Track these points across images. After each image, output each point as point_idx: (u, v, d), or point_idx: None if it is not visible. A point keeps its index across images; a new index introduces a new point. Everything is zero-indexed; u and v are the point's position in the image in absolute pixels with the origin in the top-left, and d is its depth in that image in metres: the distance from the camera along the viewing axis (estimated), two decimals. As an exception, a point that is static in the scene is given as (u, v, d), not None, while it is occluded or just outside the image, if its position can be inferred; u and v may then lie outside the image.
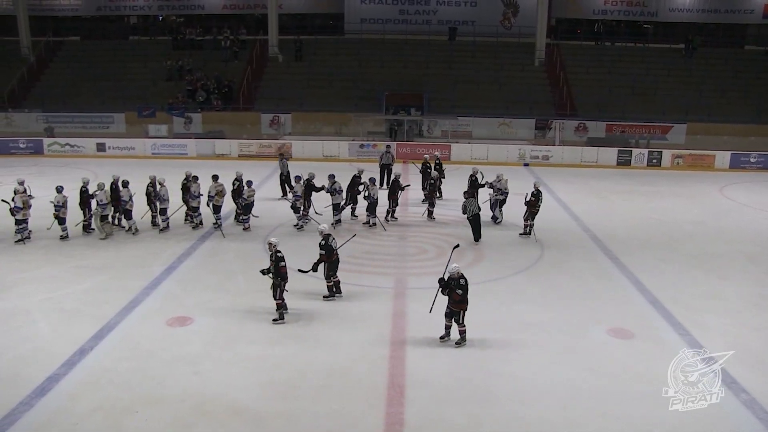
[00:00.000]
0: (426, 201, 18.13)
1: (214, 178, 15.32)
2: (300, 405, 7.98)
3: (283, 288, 10.14)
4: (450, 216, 16.67)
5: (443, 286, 9.40)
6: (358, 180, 16.08)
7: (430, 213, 16.64)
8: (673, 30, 33.88)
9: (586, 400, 8.17)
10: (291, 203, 15.61)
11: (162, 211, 15.01)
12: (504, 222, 16.25)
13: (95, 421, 7.56)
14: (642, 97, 29.78)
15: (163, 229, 15.07)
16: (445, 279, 9.44)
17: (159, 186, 14.91)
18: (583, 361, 9.15)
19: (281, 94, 29.69)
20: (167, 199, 14.98)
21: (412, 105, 28.81)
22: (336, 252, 11.08)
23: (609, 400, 8.18)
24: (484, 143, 26.71)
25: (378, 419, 7.70)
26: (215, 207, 15.04)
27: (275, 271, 10.04)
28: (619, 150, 26.03)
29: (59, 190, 14.45)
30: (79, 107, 29.36)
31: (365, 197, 15.70)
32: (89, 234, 14.82)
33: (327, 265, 11.03)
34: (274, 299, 10.18)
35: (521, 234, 15.40)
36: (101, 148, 26.41)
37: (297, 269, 11.01)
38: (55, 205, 14.22)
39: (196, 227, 15.39)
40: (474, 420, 7.72)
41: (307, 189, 15.73)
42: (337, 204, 15.60)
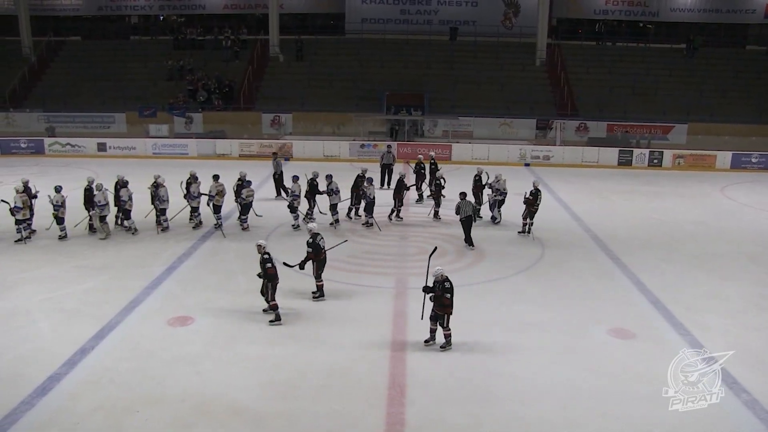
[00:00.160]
0: (420, 201, 18.23)
1: (214, 177, 15.33)
2: (300, 405, 7.98)
3: (275, 289, 10.15)
4: (452, 216, 16.61)
5: (429, 292, 9.25)
6: (361, 180, 16.10)
7: (436, 213, 16.62)
8: (675, 30, 33.86)
9: (586, 400, 8.16)
10: (288, 203, 15.60)
11: (162, 212, 15.01)
12: (504, 222, 16.24)
13: (96, 421, 7.57)
14: (643, 97, 29.78)
15: (164, 229, 15.08)
16: (431, 285, 9.28)
17: (159, 186, 14.91)
18: (584, 361, 9.14)
19: (282, 93, 29.71)
20: (167, 200, 14.99)
21: (412, 105, 28.82)
22: (324, 251, 11.06)
23: (609, 400, 8.17)
24: (485, 143, 26.71)
25: (378, 419, 7.69)
26: (215, 207, 15.04)
27: (263, 273, 10.08)
28: (620, 150, 26.04)
29: (58, 189, 14.45)
30: (80, 107, 29.42)
31: (363, 196, 15.68)
32: (93, 234, 14.79)
33: (315, 264, 11.01)
34: (267, 302, 10.22)
35: (520, 232, 15.42)
36: (102, 148, 26.45)
37: (283, 262, 11.03)
38: (54, 205, 14.24)
39: (196, 227, 15.40)
40: (474, 420, 7.72)
41: (311, 188, 15.75)
42: (335, 204, 15.60)
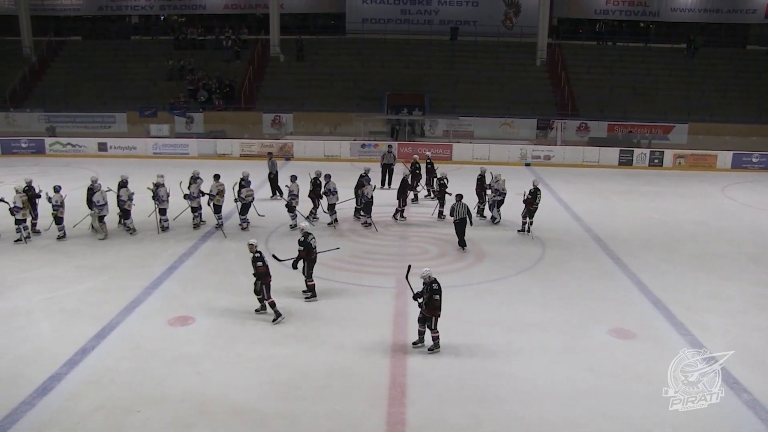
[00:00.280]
0: (415, 201, 18.23)
1: (215, 177, 15.33)
2: (301, 405, 7.98)
3: (269, 287, 10.19)
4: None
5: (420, 297, 9.17)
6: (364, 180, 16.08)
7: (440, 213, 16.59)
8: (675, 30, 33.80)
9: (586, 400, 8.16)
10: (287, 202, 15.60)
11: (162, 212, 15.01)
12: (504, 222, 16.23)
13: (96, 421, 7.57)
14: (644, 97, 29.78)
15: (164, 229, 15.08)
16: (419, 291, 9.20)
17: (158, 186, 14.91)
18: (584, 361, 9.13)
19: (283, 93, 29.72)
20: (166, 200, 14.98)
21: (413, 105, 28.79)
22: (315, 251, 11.08)
23: (609, 400, 8.17)
24: (485, 143, 26.68)
25: (379, 419, 7.69)
26: (216, 207, 15.04)
27: (255, 272, 10.12)
28: (621, 150, 26.02)
29: (57, 189, 14.43)
30: (81, 107, 29.41)
31: (360, 197, 15.65)
32: (95, 233, 14.73)
33: (306, 263, 11.03)
34: (260, 301, 10.30)
35: (519, 231, 15.45)
36: (103, 147, 26.44)
37: (272, 255, 11.14)
38: (53, 205, 14.23)
39: (196, 227, 15.40)
40: (475, 420, 7.72)
41: (314, 188, 15.76)
42: (332, 204, 15.61)
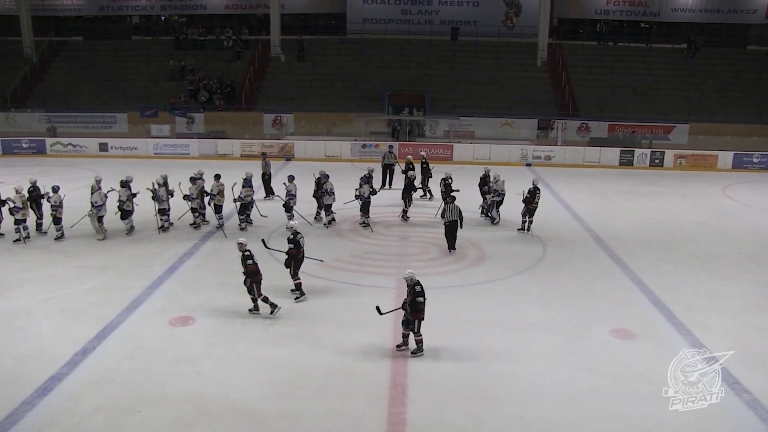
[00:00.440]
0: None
1: (216, 177, 15.34)
2: (301, 405, 7.99)
3: (259, 284, 10.25)
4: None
5: (405, 303, 9.13)
6: (362, 181, 16.07)
7: (443, 212, 16.56)
8: (676, 30, 33.76)
9: (586, 400, 8.16)
10: (284, 202, 15.59)
11: (161, 212, 15.02)
12: (504, 222, 16.24)
13: (97, 421, 7.58)
14: (644, 97, 29.76)
15: (164, 229, 15.09)
16: (406, 300, 9.15)
17: (158, 186, 14.92)
18: (584, 362, 9.13)
19: (283, 94, 29.72)
20: (165, 200, 14.99)
21: (414, 105, 28.81)
22: (302, 251, 11.11)
23: (609, 400, 8.17)
24: (486, 143, 26.69)
25: (380, 419, 7.70)
26: (216, 207, 15.05)
27: (244, 270, 10.16)
28: (622, 150, 26.02)
29: (56, 189, 14.43)
30: (82, 107, 29.41)
31: (356, 196, 15.68)
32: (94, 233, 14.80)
33: (293, 262, 11.04)
34: (253, 300, 10.36)
35: (519, 229, 15.48)
36: (104, 148, 26.46)
37: (261, 239, 11.49)
38: (52, 205, 14.23)
39: (197, 227, 15.41)
40: (475, 420, 7.72)
41: (318, 188, 15.79)
42: (329, 205, 15.62)
